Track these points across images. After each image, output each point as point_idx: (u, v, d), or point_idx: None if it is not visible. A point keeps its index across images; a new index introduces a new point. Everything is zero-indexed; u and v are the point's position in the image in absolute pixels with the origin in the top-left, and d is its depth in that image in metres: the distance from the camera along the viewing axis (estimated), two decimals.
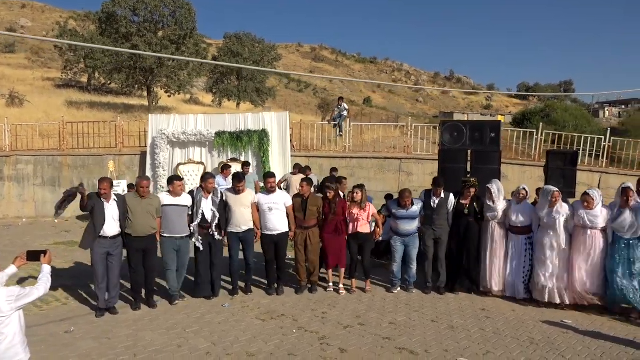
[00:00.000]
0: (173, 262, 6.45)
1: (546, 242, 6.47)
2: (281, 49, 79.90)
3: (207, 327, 5.70)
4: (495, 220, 6.87)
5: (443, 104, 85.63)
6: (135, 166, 13.85)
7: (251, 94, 35.49)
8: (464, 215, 6.98)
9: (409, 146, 13.96)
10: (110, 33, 23.81)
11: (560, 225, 6.42)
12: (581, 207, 6.45)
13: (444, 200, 7.04)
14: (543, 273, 6.48)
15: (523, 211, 6.73)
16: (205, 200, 6.56)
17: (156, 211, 6.28)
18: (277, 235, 6.86)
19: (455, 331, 5.69)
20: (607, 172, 12.44)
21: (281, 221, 6.87)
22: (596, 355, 5.08)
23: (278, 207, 6.83)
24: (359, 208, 6.96)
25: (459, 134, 8.09)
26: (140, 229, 6.12)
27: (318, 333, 5.56)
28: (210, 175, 6.80)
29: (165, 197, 6.47)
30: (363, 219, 6.96)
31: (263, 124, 13.09)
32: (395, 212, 7.03)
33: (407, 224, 6.97)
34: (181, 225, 6.44)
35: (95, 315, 5.98)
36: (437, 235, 7.04)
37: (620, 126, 51.89)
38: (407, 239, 7.04)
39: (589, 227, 6.36)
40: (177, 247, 6.45)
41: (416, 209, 6.98)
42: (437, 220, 7.02)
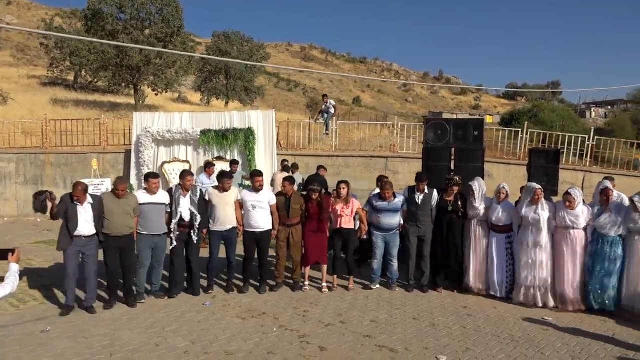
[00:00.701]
0: (147, 260, 6.40)
1: (528, 240, 6.48)
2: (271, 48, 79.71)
3: (186, 326, 5.64)
4: (477, 218, 6.88)
5: (432, 104, 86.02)
6: (119, 164, 13.71)
7: (240, 93, 35.30)
8: (447, 212, 6.97)
9: (395, 145, 13.97)
10: (96, 30, 23.48)
11: (544, 224, 6.43)
12: (563, 207, 6.47)
13: (427, 196, 7.03)
14: (525, 274, 6.49)
15: (504, 210, 6.74)
16: (183, 198, 6.50)
17: (133, 210, 6.21)
18: (259, 233, 6.82)
19: (436, 329, 5.68)
20: (590, 171, 12.52)
21: (264, 219, 6.83)
22: (575, 352, 5.09)
23: (262, 205, 6.80)
24: (343, 204, 6.93)
25: (442, 132, 8.09)
26: (118, 229, 6.08)
27: (298, 331, 5.53)
28: (189, 172, 6.74)
29: (142, 195, 6.40)
30: (347, 215, 6.93)
31: (249, 122, 13.01)
32: (376, 205, 7.00)
33: (388, 218, 6.93)
34: (159, 223, 6.38)
35: (60, 314, 5.88)
36: (422, 232, 7.03)
37: (606, 126, 52.53)
38: (388, 235, 7.01)
39: (570, 227, 6.37)
40: (154, 245, 6.40)
41: (398, 202, 6.96)
42: (422, 216, 7.01)
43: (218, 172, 7.23)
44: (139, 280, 6.46)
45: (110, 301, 6.23)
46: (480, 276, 6.90)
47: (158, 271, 6.56)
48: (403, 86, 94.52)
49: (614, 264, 6.15)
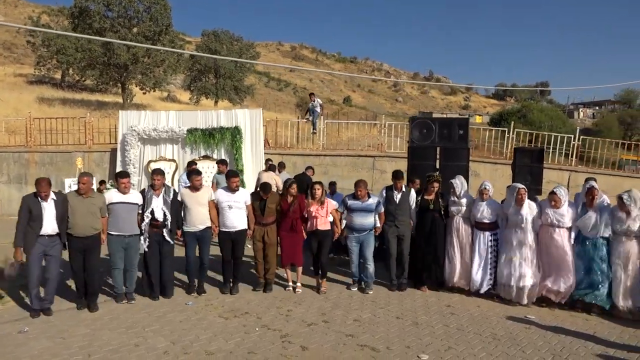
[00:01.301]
0: (121, 261, 6.24)
1: (513, 239, 6.50)
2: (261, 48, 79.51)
3: (167, 326, 5.58)
4: (459, 215, 6.88)
5: (422, 104, 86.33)
6: (105, 163, 13.61)
7: (229, 92, 35.18)
8: (429, 211, 6.98)
9: (383, 144, 13.98)
10: (83, 28, 23.26)
11: (528, 223, 6.45)
12: (548, 205, 6.49)
13: (406, 194, 7.02)
14: (508, 272, 6.50)
15: (489, 208, 6.74)
16: (155, 198, 6.37)
17: (100, 210, 6.05)
18: (234, 233, 6.76)
19: (419, 327, 5.67)
20: (576, 171, 12.63)
21: (240, 219, 6.77)
22: (556, 350, 5.10)
23: (239, 205, 6.74)
24: (318, 205, 6.88)
25: (427, 131, 8.11)
26: (82, 229, 5.87)
27: (281, 331, 5.49)
28: (158, 171, 6.60)
29: (114, 194, 6.26)
30: (322, 216, 6.87)
31: (236, 121, 12.96)
32: (350, 205, 6.95)
33: (361, 217, 6.88)
34: (130, 223, 6.23)
35: (31, 316, 5.76)
36: (401, 232, 7.01)
37: (593, 126, 53.09)
38: (362, 237, 6.94)
39: (556, 225, 6.39)
40: (126, 246, 6.24)
41: (372, 202, 6.91)
42: (400, 216, 6.99)
43: (186, 171, 7.13)
44: (116, 282, 6.31)
45: (80, 301, 6.08)
46: (463, 273, 6.90)
47: (132, 274, 6.37)
48: (393, 86, 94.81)
49: (600, 265, 6.18)
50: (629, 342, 5.34)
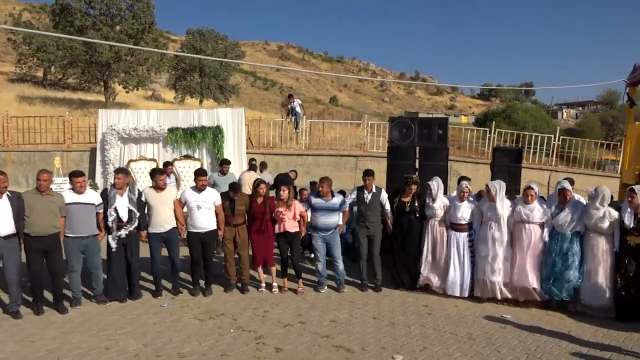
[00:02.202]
0: (78, 264, 6.06)
1: (488, 237, 6.51)
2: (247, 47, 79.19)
3: (140, 328, 5.49)
4: (435, 219, 6.87)
5: (408, 104, 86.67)
6: (84, 162, 13.41)
7: (214, 91, 34.92)
8: (405, 213, 6.96)
9: (365, 144, 13.97)
10: (65, 26, 22.96)
11: (503, 220, 6.47)
12: (520, 202, 6.53)
13: (376, 195, 6.99)
14: (484, 269, 6.52)
15: (467, 209, 6.75)
16: (119, 197, 6.21)
17: (60, 210, 5.85)
18: (204, 233, 6.67)
19: (395, 328, 5.65)
20: (556, 170, 12.73)
21: (209, 219, 6.68)
22: (530, 349, 5.12)
23: (207, 205, 6.64)
24: (285, 207, 6.80)
25: (407, 130, 8.10)
26: (40, 228, 5.67)
27: (256, 332, 5.43)
28: (121, 170, 6.47)
29: (69, 194, 6.03)
30: (289, 218, 6.81)
31: (217, 120, 12.84)
32: (313, 203, 6.91)
33: (325, 217, 6.83)
34: (87, 224, 6.04)
35: None
36: (371, 233, 6.98)
37: (576, 127, 53.75)
38: (328, 236, 6.91)
39: (526, 221, 6.43)
40: (84, 248, 6.05)
41: (336, 201, 6.87)
42: (371, 216, 6.96)
43: (150, 170, 7.01)
44: (73, 286, 6.10)
45: (38, 307, 5.84)
46: (439, 276, 6.89)
47: (97, 275, 6.21)
48: (380, 86, 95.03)
49: (572, 259, 6.22)
50: (602, 340, 5.37)
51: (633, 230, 5.98)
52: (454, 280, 6.74)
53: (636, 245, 5.97)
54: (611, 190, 7.59)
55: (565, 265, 6.22)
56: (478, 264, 6.62)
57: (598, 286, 6.17)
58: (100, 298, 6.26)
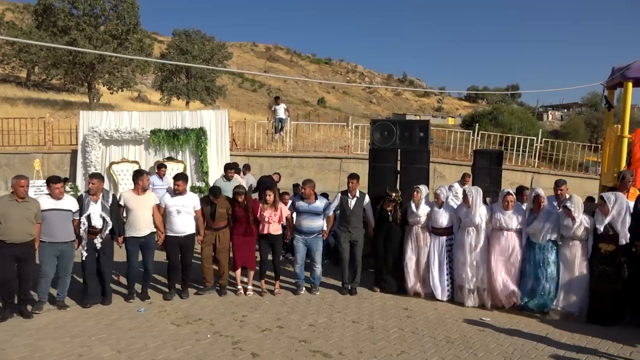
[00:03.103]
0: (51, 269, 5.93)
1: (465, 243, 6.52)
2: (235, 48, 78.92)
3: (115, 334, 5.39)
4: (418, 225, 6.84)
5: (396, 106, 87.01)
6: (65, 165, 13.23)
7: (201, 93, 34.78)
8: (387, 221, 6.96)
9: (350, 146, 13.96)
10: (47, 26, 22.69)
11: (482, 225, 6.48)
12: (498, 209, 6.54)
13: (359, 200, 6.98)
14: (462, 275, 6.52)
15: (445, 213, 6.74)
16: (93, 204, 6.09)
17: (35, 216, 5.74)
18: (183, 238, 6.59)
19: (374, 332, 5.62)
20: (539, 172, 12.82)
21: (188, 224, 6.61)
22: (507, 352, 5.12)
23: (187, 209, 6.56)
24: (271, 210, 6.78)
25: (389, 133, 8.08)
26: (15, 235, 5.54)
27: (233, 337, 5.36)
28: (95, 175, 6.32)
29: (45, 200, 5.93)
30: (274, 221, 6.78)
31: (201, 122, 12.78)
32: (297, 206, 6.89)
33: (309, 220, 6.83)
34: (64, 231, 5.94)
35: None
36: (354, 237, 6.97)
37: (562, 129, 54.35)
38: (310, 239, 6.90)
39: (505, 229, 6.44)
40: (59, 253, 5.94)
41: (319, 205, 6.86)
42: (354, 221, 6.95)
43: (134, 171, 6.91)
44: (40, 291, 5.95)
45: (4, 312, 5.71)
46: (421, 280, 6.87)
47: (65, 281, 6.09)
48: (368, 88, 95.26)
49: (548, 270, 6.23)
50: (579, 342, 5.39)
51: (604, 237, 6.02)
52: (434, 283, 6.75)
53: (607, 253, 6.01)
54: (592, 192, 7.63)
55: (542, 275, 6.23)
56: (456, 270, 6.62)
57: (572, 292, 6.19)
58: (60, 303, 6.10)
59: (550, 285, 6.21)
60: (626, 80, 7.84)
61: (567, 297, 6.19)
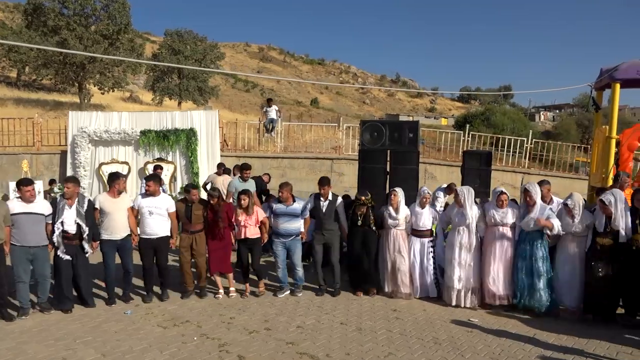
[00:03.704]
0: (25, 274, 5.82)
1: (456, 243, 6.51)
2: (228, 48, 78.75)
3: (101, 337, 5.34)
4: (396, 228, 6.77)
5: (389, 106, 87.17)
6: (54, 166, 13.13)
7: (193, 93, 34.67)
8: (358, 225, 6.86)
9: (341, 146, 13.94)
10: (38, 26, 22.53)
11: (472, 225, 6.48)
12: (492, 206, 6.54)
13: (332, 202, 6.91)
14: (452, 275, 6.50)
15: (428, 215, 6.72)
16: (68, 209, 5.97)
17: (4, 219, 5.64)
18: (156, 240, 6.50)
19: (362, 333, 5.60)
20: (529, 173, 12.86)
21: (161, 225, 6.51)
22: (495, 353, 5.11)
23: (160, 211, 6.48)
24: (246, 214, 6.73)
25: (378, 134, 8.05)
26: None
27: (220, 339, 5.33)
28: (70, 179, 6.21)
29: (16, 204, 5.80)
30: (250, 224, 6.74)
31: (191, 122, 12.73)
32: (275, 209, 6.85)
33: (286, 222, 6.78)
34: (36, 234, 5.82)
35: None
36: (328, 240, 6.92)
37: (554, 129, 54.64)
38: (288, 242, 6.86)
39: (500, 224, 6.46)
40: (31, 257, 5.84)
41: (297, 206, 6.83)
42: (327, 224, 6.90)
43: (109, 174, 6.83)
44: (20, 296, 5.86)
45: None
46: (403, 284, 6.77)
47: (44, 285, 6.00)
48: (361, 88, 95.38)
49: (541, 265, 6.25)
50: (566, 343, 5.39)
51: (604, 234, 6.06)
52: (417, 285, 6.73)
53: (603, 247, 6.04)
54: (581, 192, 7.67)
55: (536, 271, 6.23)
56: (446, 271, 6.60)
57: (570, 287, 6.25)
58: (44, 306, 6.02)
59: (542, 282, 6.22)
60: (614, 82, 7.87)
61: (564, 291, 6.25)
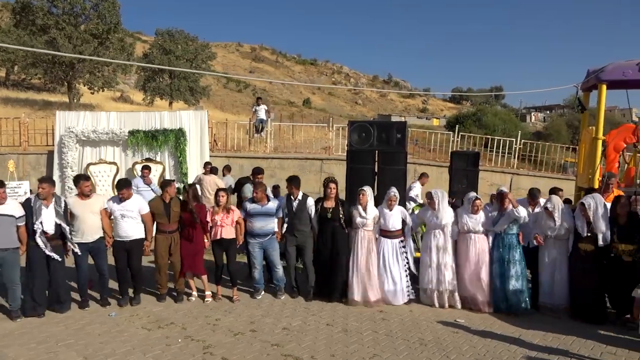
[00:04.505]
0: None
1: (432, 245, 6.53)
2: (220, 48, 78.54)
3: (84, 339, 5.28)
4: (364, 228, 6.64)
5: (381, 107, 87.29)
6: (41, 166, 12.99)
7: (184, 93, 34.48)
8: (328, 220, 6.70)
9: (331, 147, 13.93)
10: (26, 25, 22.31)
11: (446, 228, 6.52)
12: (465, 212, 6.57)
13: (302, 202, 6.82)
14: (430, 278, 6.50)
15: (396, 216, 6.68)
16: (45, 209, 5.87)
17: None
18: (129, 242, 6.40)
19: (348, 334, 5.58)
20: (517, 174, 12.91)
21: (134, 228, 6.41)
22: (480, 354, 5.12)
23: (132, 214, 6.36)
24: (223, 213, 6.65)
25: (366, 134, 8.02)
26: None
27: (204, 342, 5.28)
28: (45, 179, 6.07)
29: None
30: (227, 224, 6.66)
31: (180, 122, 12.61)
32: (249, 209, 6.76)
33: (261, 221, 6.70)
34: (5, 237, 5.65)
35: None
36: (300, 242, 6.82)
37: (544, 130, 54.93)
38: (265, 242, 6.78)
39: (472, 231, 6.49)
40: (1, 261, 5.71)
41: (272, 206, 6.77)
42: (299, 225, 6.79)
43: (74, 176, 6.72)
44: None
45: None
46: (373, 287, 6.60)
47: (14, 290, 5.79)
48: (353, 88, 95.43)
49: (518, 268, 6.34)
50: (551, 344, 5.41)
51: (584, 238, 6.14)
52: (389, 289, 6.60)
53: (586, 252, 6.12)
54: (568, 192, 7.70)
55: (512, 274, 6.31)
56: (423, 273, 6.59)
57: (555, 287, 6.38)
58: (15, 314, 5.84)
59: (521, 283, 6.32)
60: (600, 83, 7.90)
61: (550, 291, 6.38)
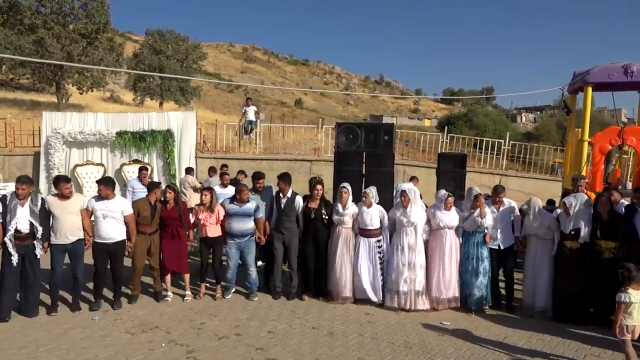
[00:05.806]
0: None
1: (403, 244, 6.50)
2: (212, 48, 78.26)
3: (65, 344, 5.21)
4: (342, 226, 6.69)
5: (373, 107, 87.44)
6: (28, 167, 12.86)
7: (175, 93, 34.31)
8: (311, 220, 6.79)
9: (320, 148, 13.90)
10: (13, 24, 22.06)
11: (418, 227, 6.50)
12: (438, 209, 6.61)
13: (290, 200, 6.84)
14: (397, 279, 6.46)
15: (373, 214, 6.65)
16: (20, 208, 5.79)
17: None
18: (111, 245, 6.30)
19: (333, 338, 5.56)
20: (506, 175, 12.96)
21: (116, 229, 6.31)
22: (465, 357, 5.12)
23: (114, 215, 6.27)
24: (208, 212, 6.64)
25: (354, 136, 8.01)
26: None
27: (188, 346, 5.24)
28: (23, 179, 5.96)
29: None
30: (211, 223, 6.66)
31: (168, 123, 12.57)
32: (228, 209, 6.73)
33: (240, 222, 6.68)
34: None
35: None
36: (287, 239, 6.85)
37: (535, 131, 55.31)
38: (243, 243, 6.76)
39: (446, 227, 6.55)
40: None
41: (250, 207, 6.74)
42: (286, 222, 6.82)
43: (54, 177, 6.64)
44: None
45: None
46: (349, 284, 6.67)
47: None
48: (345, 89, 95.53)
49: (487, 265, 6.48)
50: (536, 346, 5.42)
51: (569, 235, 6.18)
52: (363, 287, 6.59)
53: (570, 250, 6.16)
54: (557, 193, 7.71)
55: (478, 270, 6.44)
56: (390, 274, 6.53)
57: (538, 288, 6.44)
58: None
59: (487, 280, 6.49)
60: (586, 85, 7.96)
61: (533, 292, 6.45)
